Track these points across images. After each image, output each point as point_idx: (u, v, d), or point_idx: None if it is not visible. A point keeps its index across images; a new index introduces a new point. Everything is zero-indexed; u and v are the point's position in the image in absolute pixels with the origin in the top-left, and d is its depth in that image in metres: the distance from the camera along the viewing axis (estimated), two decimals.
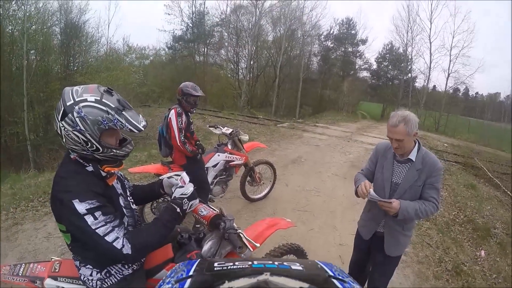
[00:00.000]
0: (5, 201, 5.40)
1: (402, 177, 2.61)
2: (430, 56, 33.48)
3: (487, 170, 10.93)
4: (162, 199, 4.28)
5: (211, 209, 2.19)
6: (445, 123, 32.16)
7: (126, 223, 1.81)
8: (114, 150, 1.69)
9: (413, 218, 2.54)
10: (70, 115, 1.53)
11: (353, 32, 37.47)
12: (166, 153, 4.42)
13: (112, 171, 1.76)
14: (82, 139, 1.57)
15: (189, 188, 2.02)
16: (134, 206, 2.00)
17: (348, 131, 15.52)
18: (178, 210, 1.88)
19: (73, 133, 1.56)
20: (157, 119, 14.68)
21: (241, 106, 27.62)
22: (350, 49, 38.27)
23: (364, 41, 37.72)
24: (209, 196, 4.70)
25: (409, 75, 36.07)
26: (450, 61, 32.28)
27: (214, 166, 4.82)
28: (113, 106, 1.59)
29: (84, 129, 1.55)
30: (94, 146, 1.61)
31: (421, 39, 34.15)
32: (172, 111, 4.13)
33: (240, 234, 2.01)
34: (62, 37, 22.36)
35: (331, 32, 36.90)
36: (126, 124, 1.62)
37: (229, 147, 5.05)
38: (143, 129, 1.70)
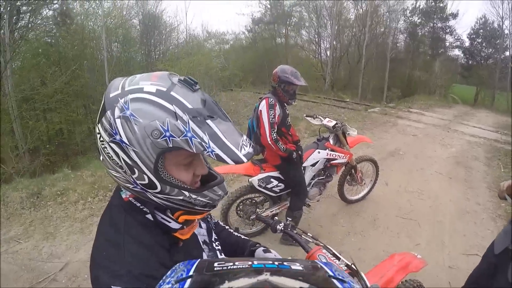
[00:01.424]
0: (83, 190, 5.44)
1: None
2: None
3: None
4: (251, 200, 4.01)
5: (337, 261, 1.63)
6: None
7: None
8: (186, 193, 0.97)
9: None
10: (108, 112, 0.86)
11: (441, 5, 33.94)
12: (257, 150, 3.83)
13: (192, 219, 1.09)
14: (124, 159, 0.89)
15: None
16: (221, 256, 1.30)
17: (446, 119, 14.12)
18: None
19: (110, 147, 0.89)
20: (240, 103, 14.73)
21: (325, 88, 27.01)
22: (439, 25, 34.88)
23: (454, 15, 33.98)
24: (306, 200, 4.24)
25: (507, 53, 31.86)
26: None
27: (313, 165, 4.21)
28: (190, 107, 0.87)
29: (127, 142, 0.86)
30: (146, 178, 0.92)
31: None
32: (263, 102, 3.54)
33: None
34: (142, 28, 23.48)
35: (417, 6, 34.02)
36: (211, 144, 0.87)
37: (331, 142, 4.41)
38: (245, 160, 0.92)
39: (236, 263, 0.74)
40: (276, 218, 1.92)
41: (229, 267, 0.73)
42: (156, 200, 0.97)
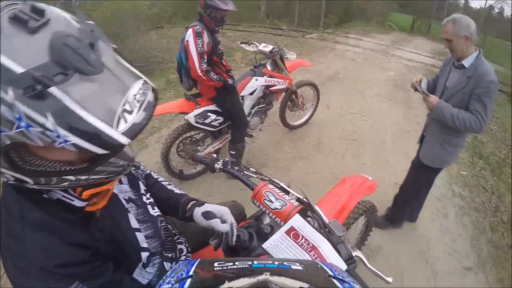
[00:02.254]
0: None
1: (453, 82, 2.70)
2: None
3: None
4: (191, 139, 3.73)
5: (285, 195, 1.43)
6: (481, 44, 30.33)
7: (145, 260, 1.05)
8: (72, 177, 0.73)
9: (447, 121, 2.59)
10: None
11: None
12: (189, 85, 3.55)
13: (99, 191, 0.87)
14: None
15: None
16: (154, 212, 1.17)
17: (383, 44, 14.40)
18: None
19: None
20: (173, 40, 13.85)
21: (260, 17, 26.23)
22: None
23: None
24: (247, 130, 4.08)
25: None
26: None
27: (251, 93, 4.02)
28: (20, 70, 0.56)
29: None
30: (10, 176, 0.71)
31: None
32: (190, 31, 3.20)
33: (359, 258, 1.33)
34: None
35: None
36: (61, 131, 0.60)
37: (269, 68, 4.16)
38: (125, 141, 0.66)
39: (236, 263, 0.77)
40: (214, 155, 1.70)
41: (229, 267, 0.75)
42: (40, 188, 0.75)
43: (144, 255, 1.04)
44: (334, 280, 0.71)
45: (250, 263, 0.76)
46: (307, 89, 5.12)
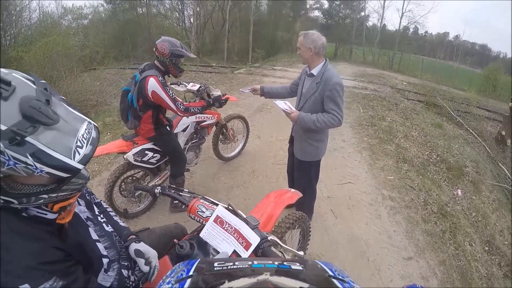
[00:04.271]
0: None
1: (306, 88, 3.19)
2: None
3: (450, 109, 11.23)
4: (132, 178, 3.80)
5: (215, 206, 1.71)
6: (399, 62, 33.09)
7: (106, 266, 1.27)
8: (45, 196, 0.97)
9: (311, 127, 3.05)
10: None
11: None
12: (134, 125, 3.63)
13: (67, 204, 1.10)
14: None
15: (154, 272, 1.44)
16: (109, 228, 1.43)
17: None
18: None
19: None
20: (106, 81, 13.77)
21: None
22: None
23: None
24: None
25: (362, 13, 36.65)
26: (404, 1, 32.85)
27: (184, 130, 4.20)
28: (3, 128, 0.80)
29: None
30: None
31: None
32: (154, 82, 3.24)
33: (275, 242, 1.62)
34: None
35: None
36: (38, 165, 0.86)
37: None
38: (80, 166, 0.94)
39: (236, 263, 0.78)
40: (154, 183, 2.04)
41: (229, 267, 0.76)
42: (19, 207, 0.99)
43: (105, 261, 1.26)
44: (334, 280, 0.73)
45: (250, 263, 0.78)
46: (237, 122, 5.36)
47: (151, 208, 4.06)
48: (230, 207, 1.67)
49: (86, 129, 0.96)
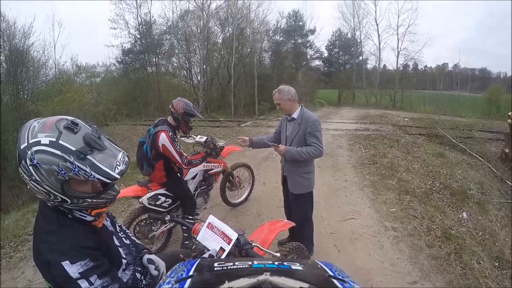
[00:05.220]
0: None
1: (290, 131, 3.74)
2: (379, 38, 35.59)
3: (451, 137, 11.36)
4: (146, 221, 4.10)
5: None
6: (401, 99, 33.57)
7: (124, 266, 1.66)
8: (89, 200, 1.41)
9: (297, 158, 3.55)
10: (23, 161, 1.26)
11: (300, 23, 38.13)
12: (148, 172, 4.07)
13: (101, 212, 1.54)
14: (42, 190, 1.31)
15: None
16: (127, 241, 1.83)
17: None
18: None
19: (31, 183, 1.31)
20: (118, 137, 14.32)
21: (200, 111, 27.27)
22: (300, 41, 38.89)
23: (312, 31, 38.55)
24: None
25: (360, 58, 37.63)
26: (398, 40, 34.12)
27: (193, 178, 4.61)
28: (73, 149, 1.27)
29: (40, 180, 1.28)
30: (59, 197, 1.34)
31: (368, 22, 36.52)
32: (164, 137, 3.72)
33: (257, 246, 1.98)
34: (8, 65, 21.38)
35: (279, 26, 37.27)
36: (92, 173, 1.30)
37: None
38: (118, 177, 1.37)
39: (236, 263, 0.79)
40: (166, 213, 2.42)
41: (229, 267, 0.77)
42: (71, 208, 1.42)
43: (124, 261, 1.65)
44: (334, 280, 0.74)
45: (250, 263, 0.79)
46: (242, 170, 5.75)
47: (164, 249, 4.29)
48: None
49: (122, 155, 1.42)
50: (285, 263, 0.80)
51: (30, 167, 1.25)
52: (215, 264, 0.80)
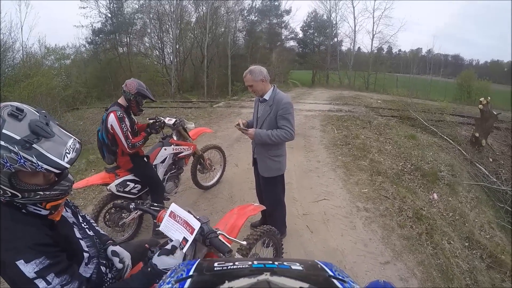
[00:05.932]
0: None
1: (261, 112, 3.63)
2: (354, 20, 35.87)
3: (422, 120, 11.60)
4: (115, 208, 3.94)
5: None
6: (375, 81, 34.06)
7: (87, 260, 1.56)
8: (41, 193, 1.33)
9: (267, 141, 3.47)
10: None
11: (276, 3, 37.51)
12: (111, 160, 3.95)
13: (57, 204, 1.43)
14: None
15: (179, 262, 1.58)
16: (91, 233, 1.72)
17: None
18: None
19: None
20: (89, 121, 13.92)
21: (172, 92, 26.92)
22: (275, 21, 38.36)
23: (288, 12, 37.98)
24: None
25: (335, 39, 37.71)
26: (373, 23, 34.42)
27: (162, 162, 4.46)
28: (18, 138, 1.19)
29: None
30: (8, 192, 1.26)
31: (344, 4, 36.36)
32: (112, 117, 3.60)
33: (221, 235, 1.88)
34: None
35: (254, 5, 36.64)
36: (39, 163, 1.22)
37: (175, 138, 4.71)
38: (68, 166, 1.29)
39: (236, 263, 0.79)
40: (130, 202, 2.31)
41: (229, 267, 0.77)
42: (23, 202, 1.34)
43: (86, 255, 1.56)
44: (334, 280, 0.73)
45: (250, 263, 0.79)
46: (214, 152, 5.63)
47: (134, 237, 4.20)
48: (190, 211, 1.94)
49: (72, 142, 1.33)
50: (285, 263, 0.79)
51: None
52: (215, 264, 0.79)
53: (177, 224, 1.78)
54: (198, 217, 1.89)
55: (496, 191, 7.47)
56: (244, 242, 2.04)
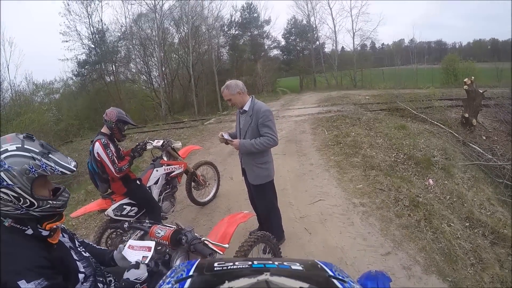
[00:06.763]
0: None
1: (243, 123, 3.76)
2: (333, 21, 35.96)
3: (411, 109, 11.67)
4: (115, 233, 4.08)
5: (167, 227, 2.16)
6: (361, 78, 34.21)
7: (83, 279, 1.72)
8: (50, 202, 1.58)
9: (252, 150, 3.60)
10: None
11: (255, 15, 37.66)
12: (104, 188, 4.09)
13: (55, 226, 1.65)
14: (13, 195, 1.45)
15: (144, 273, 1.84)
16: (87, 254, 1.90)
17: (274, 110, 15.40)
18: None
19: (1, 192, 1.42)
20: (84, 153, 13.93)
21: (163, 114, 26.90)
22: (256, 32, 38.55)
23: (268, 21, 38.17)
24: (161, 214, 4.49)
25: (317, 42, 38.02)
26: (352, 21, 34.74)
27: (156, 183, 4.57)
28: (38, 150, 1.50)
29: (12, 183, 1.43)
30: (28, 201, 1.49)
31: (321, 6, 36.84)
32: (97, 145, 3.76)
33: (205, 241, 2.02)
34: None
35: (233, 19, 36.87)
36: (57, 167, 1.53)
37: (165, 158, 4.83)
38: (75, 169, 1.62)
39: (236, 263, 0.80)
40: (124, 221, 2.48)
41: (229, 267, 0.78)
42: (35, 214, 1.53)
43: (81, 276, 1.71)
44: (334, 280, 0.75)
45: (250, 263, 0.80)
46: (206, 168, 5.72)
47: None
48: (179, 225, 2.18)
49: (70, 158, 1.65)
50: (285, 263, 0.81)
51: (2, 173, 1.40)
52: (215, 264, 0.80)
53: (135, 251, 1.90)
54: (183, 227, 2.08)
55: (493, 168, 7.56)
56: (227, 245, 2.13)
